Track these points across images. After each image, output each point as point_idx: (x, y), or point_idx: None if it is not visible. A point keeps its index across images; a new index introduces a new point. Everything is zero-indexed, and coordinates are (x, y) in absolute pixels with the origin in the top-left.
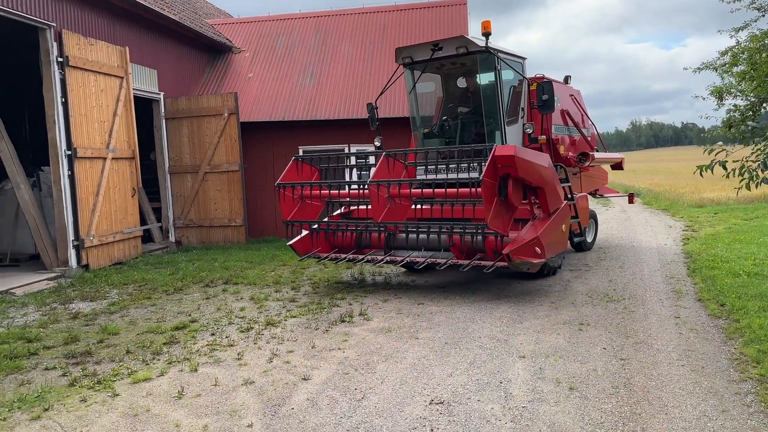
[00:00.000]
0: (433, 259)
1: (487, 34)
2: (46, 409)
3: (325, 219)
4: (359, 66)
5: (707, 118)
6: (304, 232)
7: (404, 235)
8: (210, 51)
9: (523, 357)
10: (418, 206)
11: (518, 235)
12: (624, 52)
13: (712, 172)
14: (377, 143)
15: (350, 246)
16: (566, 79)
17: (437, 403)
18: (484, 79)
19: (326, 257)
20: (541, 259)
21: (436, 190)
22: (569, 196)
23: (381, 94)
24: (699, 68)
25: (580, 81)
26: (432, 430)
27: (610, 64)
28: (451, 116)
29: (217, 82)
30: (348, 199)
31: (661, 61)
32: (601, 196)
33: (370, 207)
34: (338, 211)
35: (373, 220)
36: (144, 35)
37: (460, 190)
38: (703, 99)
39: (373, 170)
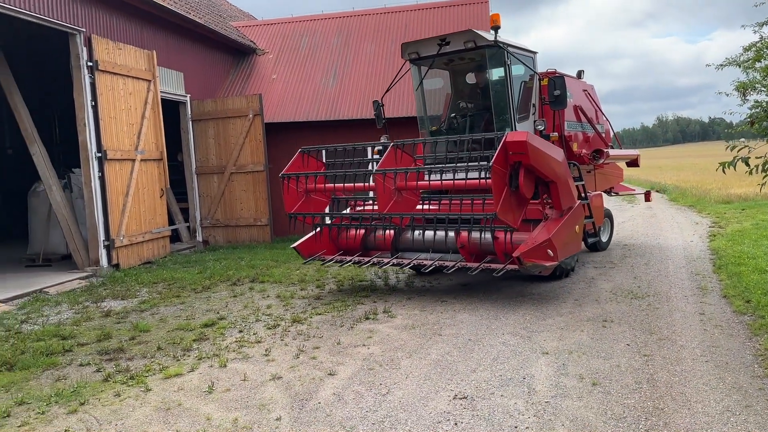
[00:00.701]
0: (441, 262)
1: (496, 28)
2: (82, 404)
3: (327, 217)
4: (381, 66)
5: (731, 114)
6: (308, 235)
7: (410, 236)
8: (235, 53)
9: (547, 353)
10: (425, 207)
11: (529, 236)
12: (649, 47)
13: (735, 169)
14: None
15: (356, 248)
16: (579, 74)
17: (461, 398)
18: (494, 74)
19: (331, 260)
20: (554, 261)
21: (444, 181)
22: (583, 194)
23: (387, 90)
24: (722, 64)
25: (605, 77)
26: (456, 424)
27: (635, 59)
28: (460, 113)
29: (242, 84)
30: (355, 192)
31: (687, 55)
32: (616, 194)
33: (376, 207)
34: (344, 212)
35: (378, 211)
36: (171, 39)
37: (469, 181)
38: (727, 95)
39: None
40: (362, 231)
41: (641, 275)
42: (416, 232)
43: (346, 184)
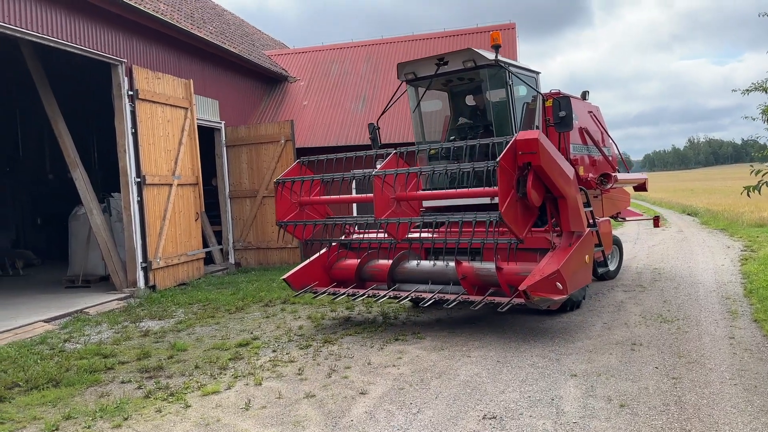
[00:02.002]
0: (441, 295)
1: (496, 47)
2: (126, 419)
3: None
4: None
5: (758, 138)
6: (300, 265)
7: (408, 266)
8: (267, 81)
9: (575, 375)
10: (425, 234)
11: (536, 267)
12: (677, 69)
13: (759, 193)
14: (379, 167)
15: (350, 279)
16: (584, 95)
17: (490, 418)
18: (495, 95)
19: (324, 292)
20: (563, 295)
21: (446, 190)
22: (591, 221)
23: (383, 113)
24: (748, 89)
25: (633, 99)
26: None
27: (664, 81)
28: (460, 136)
29: (274, 110)
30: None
31: (716, 77)
32: (623, 219)
33: (371, 235)
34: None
35: (375, 217)
36: (207, 68)
37: (472, 190)
38: (753, 119)
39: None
40: (357, 261)
41: (671, 299)
42: (414, 262)
43: (342, 195)
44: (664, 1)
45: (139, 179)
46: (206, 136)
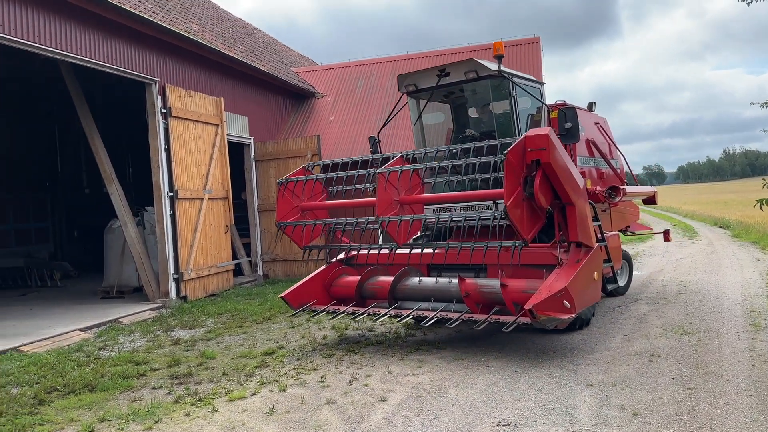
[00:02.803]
0: (443, 313)
1: (499, 57)
2: (156, 422)
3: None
4: None
5: None
6: (298, 282)
7: (410, 283)
8: (295, 97)
9: (591, 385)
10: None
11: (543, 285)
12: (710, 79)
13: None
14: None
15: (350, 296)
16: (590, 106)
17: (504, 425)
18: (498, 106)
19: (323, 311)
20: (571, 314)
21: (450, 194)
22: (599, 236)
23: (384, 125)
24: (766, 102)
25: (665, 109)
26: None
27: (696, 91)
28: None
29: (302, 126)
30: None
31: (752, 86)
32: (632, 233)
33: (374, 251)
34: (336, 258)
35: (376, 214)
36: (237, 85)
37: (478, 192)
38: None
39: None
40: (357, 278)
41: (694, 311)
42: (416, 279)
43: (345, 200)
44: (695, 11)
45: (171, 193)
46: (236, 151)
